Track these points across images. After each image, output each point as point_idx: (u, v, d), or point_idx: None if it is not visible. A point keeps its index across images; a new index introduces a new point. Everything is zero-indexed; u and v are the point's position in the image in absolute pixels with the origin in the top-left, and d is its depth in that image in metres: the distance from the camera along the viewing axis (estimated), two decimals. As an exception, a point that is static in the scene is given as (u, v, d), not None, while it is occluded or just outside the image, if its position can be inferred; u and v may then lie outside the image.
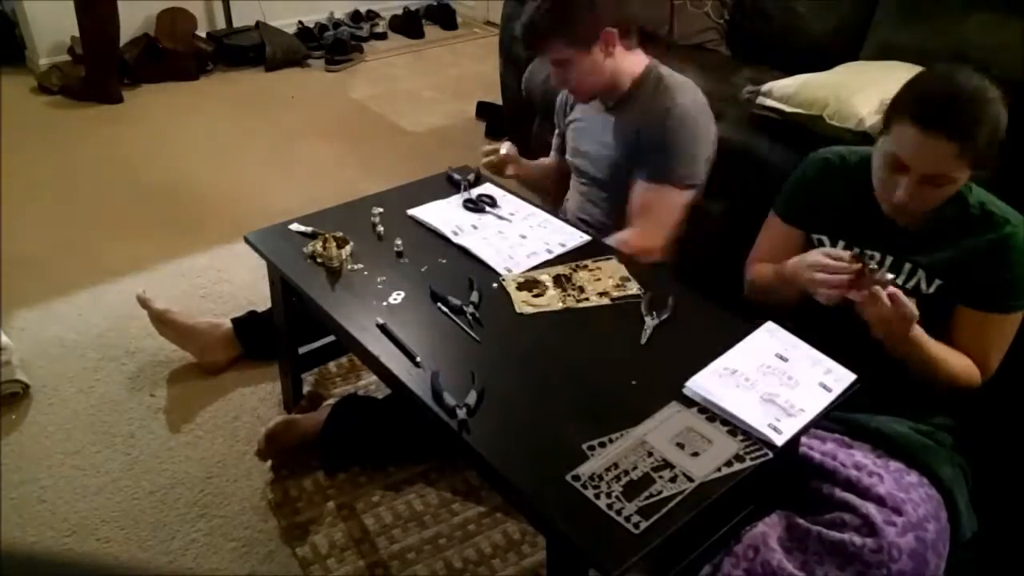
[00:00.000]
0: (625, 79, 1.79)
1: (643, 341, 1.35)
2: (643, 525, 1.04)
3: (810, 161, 1.55)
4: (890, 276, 1.28)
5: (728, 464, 1.13)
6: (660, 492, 1.09)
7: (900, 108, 1.31)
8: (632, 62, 1.79)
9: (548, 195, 2.12)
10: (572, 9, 1.68)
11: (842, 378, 1.28)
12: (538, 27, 1.71)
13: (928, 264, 1.38)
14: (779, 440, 1.16)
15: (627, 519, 1.05)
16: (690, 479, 1.11)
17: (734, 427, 1.19)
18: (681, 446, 1.16)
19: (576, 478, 1.10)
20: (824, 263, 1.32)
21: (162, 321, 1.98)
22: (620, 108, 1.81)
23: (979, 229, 1.36)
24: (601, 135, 1.84)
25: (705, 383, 1.25)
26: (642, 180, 1.75)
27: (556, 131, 2.06)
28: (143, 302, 1.98)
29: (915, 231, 1.40)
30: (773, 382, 1.26)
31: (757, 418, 1.19)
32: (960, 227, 1.37)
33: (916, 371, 1.36)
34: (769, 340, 1.35)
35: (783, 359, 1.31)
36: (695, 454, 1.15)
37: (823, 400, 1.24)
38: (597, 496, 1.08)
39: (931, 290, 1.39)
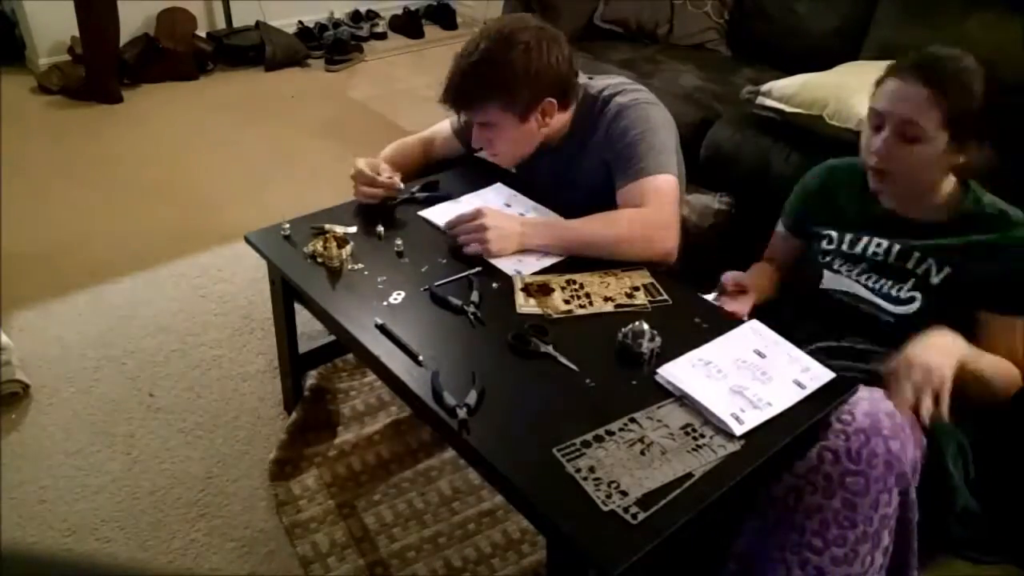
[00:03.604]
0: (563, 128, 1.66)
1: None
2: (641, 516, 1.04)
3: (814, 169, 1.60)
4: None
5: (727, 460, 1.13)
6: (659, 484, 1.09)
7: (882, 75, 1.39)
8: (569, 111, 1.65)
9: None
10: (510, 76, 1.52)
11: (819, 376, 1.28)
12: (470, 86, 1.55)
13: (936, 250, 1.39)
14: (738, 430, 1.17)
15: (625, 510, 1.05)
16: (689, 473, 1.11)
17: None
18: (681, 441, 1.16)
19: (578, 470, 1.11)
20: None
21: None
22: (567, 145, 1.68)
23: (993, 226, 1.37)
24: (575, 175, 1.70)
25: (676, 371, 1.27)
26: (624, 184, 1.58)
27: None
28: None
29: (925, 220, 1.41)
30: (746, 376, 1.27)
31: (721, 407, 1.20)
32: (973, 221, 1.38)
33: (975, 397, 1.33)
34: (750, 336, 1.36)
35: (761, 355, 1.32)
36: (694, 449, 1.15)
37: (794, 396, 1.24)
38: (597, 488, 1.08)
39: (939, 279, 1.39)
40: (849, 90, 2.04)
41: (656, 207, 1.52)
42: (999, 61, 2.03)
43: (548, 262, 1.55)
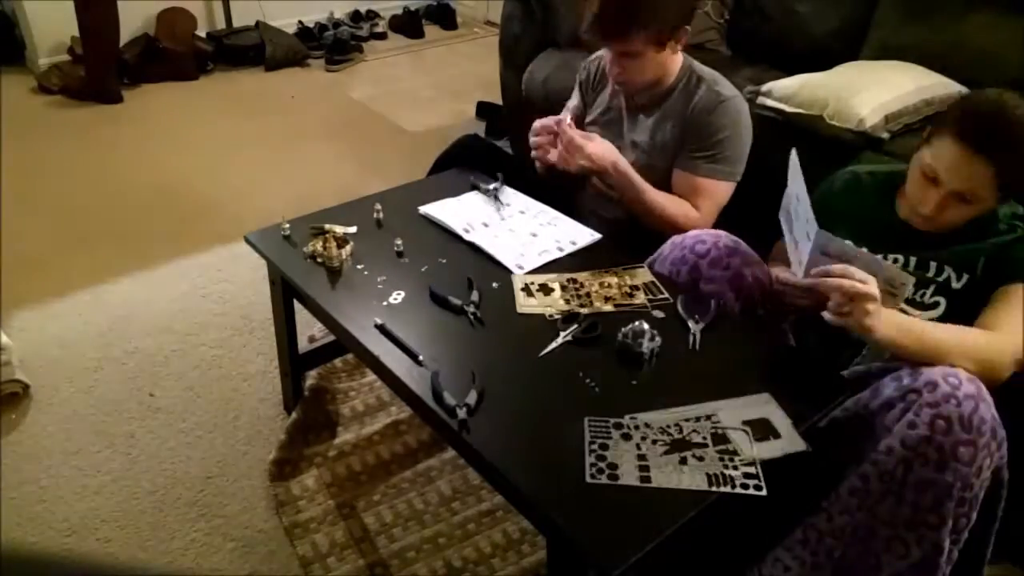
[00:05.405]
0: (671, 76, 1.75)
1: (691, 346, 1.35)
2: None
3: (837, 175, 1.60)
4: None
5: (785, 458, 1.13)
6: (701, 458, 1.12)
7: (945, 123, 1.34)
8: (678, 58, 1.76)
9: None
10: (659, 4, 1.61)
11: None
12: (621, 17, 1.60)
13: (953, 259, 1.40)
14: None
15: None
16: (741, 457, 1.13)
17: (808, 430, 1.19)
18: (747, 431, 1.17)
19: (632, 418, 1.16)
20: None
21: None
22: (656, 106, 1.77)
23: (1005, 233, 1.38)
24: (636, 134, 1.80)
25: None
26: (691, 172, 1.72)
27: (576, 100, 1.94)
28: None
29: (938, 234, 1.41)
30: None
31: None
32: (985, 229, 1.39)
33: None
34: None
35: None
36: (757, 440, 1.16)
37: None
38: (641, 441, 1.14)
39: (960, 285, 1.39)
40: (849, 90, 2.03)
41: (706, 216, 1.72)
42: (999, 61, 2.04)
43: (548, 258, 1.57)
